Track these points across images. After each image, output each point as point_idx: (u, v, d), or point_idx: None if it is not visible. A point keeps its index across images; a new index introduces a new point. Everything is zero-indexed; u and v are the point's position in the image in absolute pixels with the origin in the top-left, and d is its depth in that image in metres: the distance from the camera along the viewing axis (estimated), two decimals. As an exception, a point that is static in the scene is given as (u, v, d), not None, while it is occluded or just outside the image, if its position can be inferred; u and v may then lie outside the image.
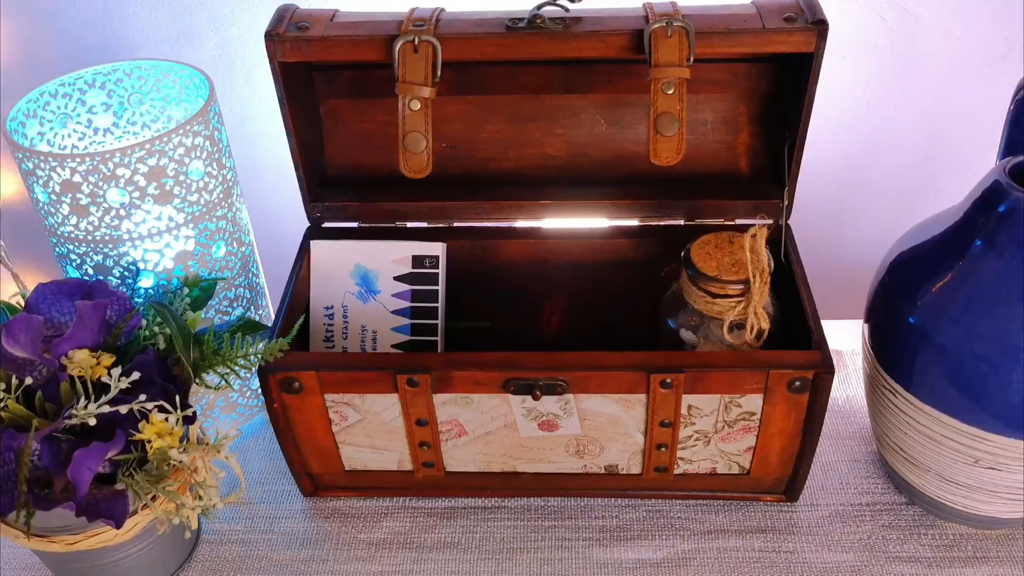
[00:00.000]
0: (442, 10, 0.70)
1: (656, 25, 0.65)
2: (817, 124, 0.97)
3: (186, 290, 0.72)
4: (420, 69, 0.67)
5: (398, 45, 0.67)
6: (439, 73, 0.68)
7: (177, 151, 0.70)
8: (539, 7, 0.68)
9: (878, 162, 1.01)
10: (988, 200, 0.62)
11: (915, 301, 0.65)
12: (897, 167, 1.01)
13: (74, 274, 0.75)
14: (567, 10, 0.68)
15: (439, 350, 0.80)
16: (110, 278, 0.74)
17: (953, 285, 0.63)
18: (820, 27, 0.66)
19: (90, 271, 0.74)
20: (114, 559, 0.67)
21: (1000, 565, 0.71)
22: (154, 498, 0.62)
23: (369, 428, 0.72)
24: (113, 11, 0.91)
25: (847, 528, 0.74)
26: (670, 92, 0.66)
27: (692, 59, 0.66)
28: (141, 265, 0.73)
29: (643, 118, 0.80)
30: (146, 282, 0.74)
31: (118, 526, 0.59)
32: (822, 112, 0.97)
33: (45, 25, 0.92)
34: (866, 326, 0.72)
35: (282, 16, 0.71)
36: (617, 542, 0.74)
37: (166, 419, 0.60)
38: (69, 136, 0.80)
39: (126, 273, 0.73)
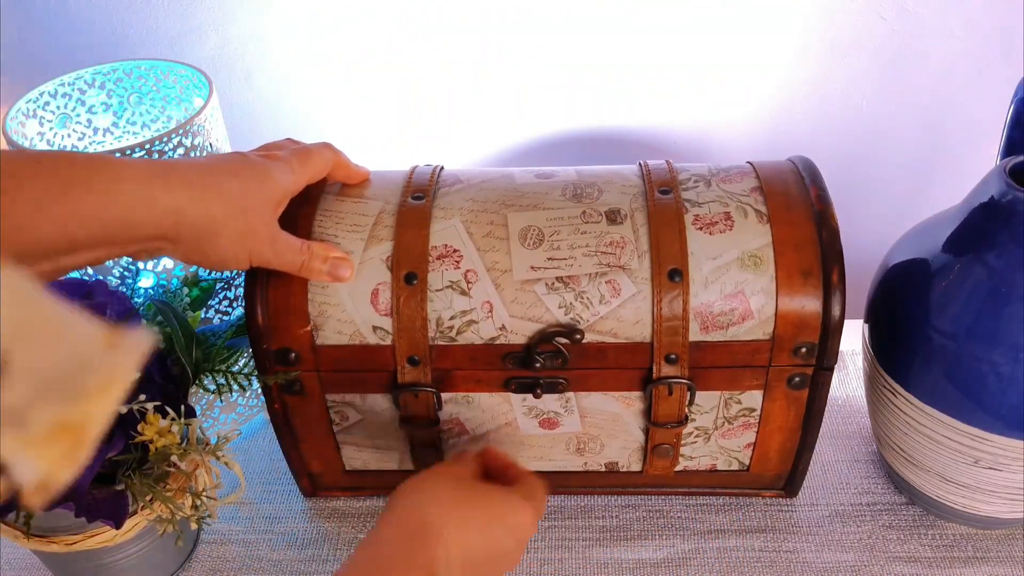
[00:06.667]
0: None
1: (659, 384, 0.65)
2: (817, 123, 0.98)
3: (186, 290, 0.72)
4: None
5: None
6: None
7: (177, 151, 0.70)
8: (537, 348, 0.64)
9: (878, 162, 1.01)
10: (988, 200, 0.62)
11: (915, 301, 0.65)
12: (897, 167, 1.01)
13: (74, 274, 0.75)
14: (569, 354, 0.65)
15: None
16: (110, 278, 0.73)
17: (953, 285, 0.63)
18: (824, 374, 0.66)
19: (90, 271, 0.74)
20: (114, 559, 0.67)
21: (1000, 565, 0.71)
22: (152, 500, 0.62)
23: (369, 428, 0.72)
24: (113, 11, 0.91)
25: (847, 528, 0.74)
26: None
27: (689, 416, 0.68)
28: (141, 265, 0.73)
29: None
30: (146, 282, 0.74)
31: (118, 526, 0.59)
32: (822, 112, 0.97)
33: (45, 25, 0.92)
34: (866, 326, 0.72)
35: None
36: (617, 542, 0.74)
37: (166, 417, 0.60)
38: (69, 136, 0.80)
39: (126, 273, 0.73)
